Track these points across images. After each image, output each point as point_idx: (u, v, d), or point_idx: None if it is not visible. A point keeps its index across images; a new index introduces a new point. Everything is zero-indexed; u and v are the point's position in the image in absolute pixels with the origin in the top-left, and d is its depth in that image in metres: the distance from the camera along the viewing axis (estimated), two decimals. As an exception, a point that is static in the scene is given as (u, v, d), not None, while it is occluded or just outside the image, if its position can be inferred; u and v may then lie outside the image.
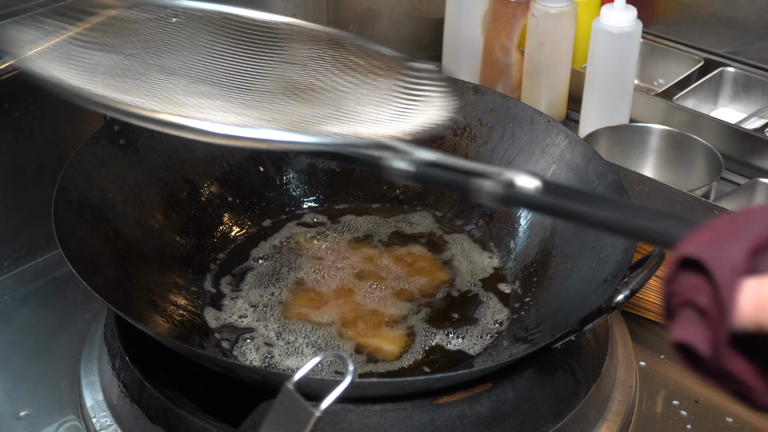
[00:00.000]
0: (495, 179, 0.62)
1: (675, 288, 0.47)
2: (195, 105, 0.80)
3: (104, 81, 0.80)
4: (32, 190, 1.19)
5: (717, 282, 0.45)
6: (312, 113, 0.81)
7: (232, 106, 0.81)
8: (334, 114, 0.81)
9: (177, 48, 0.89)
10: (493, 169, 0.63)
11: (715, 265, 0.45)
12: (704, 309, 0.46)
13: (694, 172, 1.30)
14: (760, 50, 1.42)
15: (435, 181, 0.67)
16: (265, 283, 1.09)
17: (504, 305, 1.07)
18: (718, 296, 0.45)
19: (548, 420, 0.90)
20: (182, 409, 0.88)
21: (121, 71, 0.83)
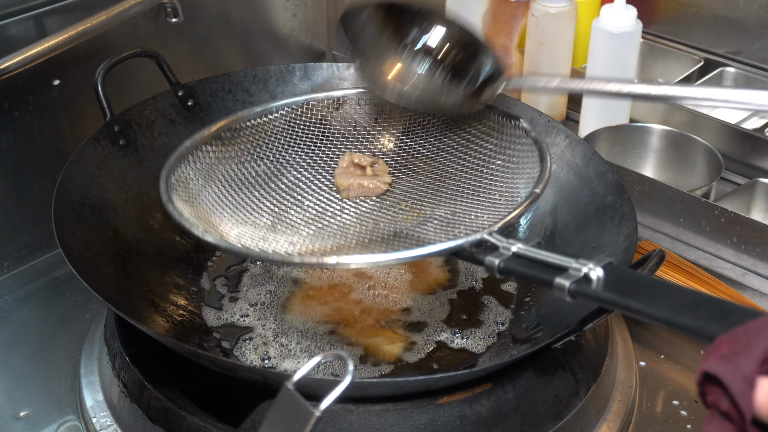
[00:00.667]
0: (571, 275, 0.71)
1: (705, 389, 0.56)
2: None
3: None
4: (32, 190, 1.19)
5: (733, 395, 0.54)
6: (423, 190, 0.94)
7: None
8: (441, 192, 0.94)
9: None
10: (566, 260, 0.71)
11: (731, 381, 0.54)
12: (727, 412, 0.55)
13: (694, 172, 1.30)
14: (760, 50, 1.42)
15: (519, 274, 0.77)
16: (265, 283, 1.09)
17: (504, 305, 1.06)
18: (737, 405, 0.54)
19: (548, 420, 0.90)
20: (182, 409, 0.88)
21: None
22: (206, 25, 1.37)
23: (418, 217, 0.93)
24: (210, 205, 0.92)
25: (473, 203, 0.92)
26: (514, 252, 0.76)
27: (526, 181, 0.90)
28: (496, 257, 0.76)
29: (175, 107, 1.17)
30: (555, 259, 0.73)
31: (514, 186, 0.91)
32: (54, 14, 1.16)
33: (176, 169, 0.93)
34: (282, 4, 1.47)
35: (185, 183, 0.92)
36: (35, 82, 1.16)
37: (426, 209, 0.93)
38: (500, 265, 0.76)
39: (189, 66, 1.34)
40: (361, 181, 0.97)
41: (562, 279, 0.71)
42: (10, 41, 1.11)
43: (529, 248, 0.75)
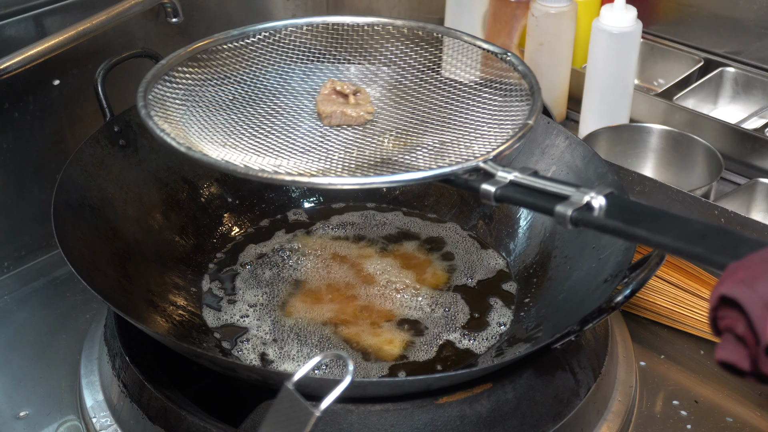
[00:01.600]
0: (572, 203, 0.68)
1: (718, 314, 0.56)
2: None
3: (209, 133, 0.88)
4: (32, 190, 1.19)
5: (750, 317, 0.54)
6: (410, 118, 0.90)
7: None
8: (428, 122, 0.90)
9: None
10: (566, 188, 0.69)
11: (750, 304, 0.54)
12: (742, 336, 0.55)
13: (694, 172, 1.30)
14: (760, 50, 1.42)
15: (516, 202, 0.73)
16: (265, 284, 1.09)
17: (504, 306, 1.06)
18: (752, 327, 0.54)
19: (548, 420, 0.90)
20: (182, 409, 0.88)
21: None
22: (206, 25, 1.37)
23: (405, 146, 0.89)
24: (188, 126, 0.88)
25: (461, 134, 0.88)
26: (510, 180, 0.73)
27: (514, 116, 0.87)
28: (492, 185, 0.73)
29: (175, 107, 1.17)
30: (554, 188, 0.70)
31: (502, 120, 0.87)
32: (54, 14, 1.16)
33: (153, 87, 0.89)
34: (282, 4, 1.47)
35: (162, 103, 0.88)
36: (35, 82, 1.16)
37: (412, 139, 0.89)
38: (497, 192, 0.73)
39: (189, 66, 1.34)
40: (343, 109, 0.93)
41: (563, 206, 0.68)
42: (10, 41, 1.11)
43: (527, 177, 0.72)
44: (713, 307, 0.56)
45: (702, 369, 1.05)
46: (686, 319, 1.08)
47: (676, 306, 1.08)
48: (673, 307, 1.08)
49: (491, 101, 0.90)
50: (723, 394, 1.02)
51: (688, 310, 1.07)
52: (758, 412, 1.00)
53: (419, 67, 0.97)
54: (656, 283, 1.08)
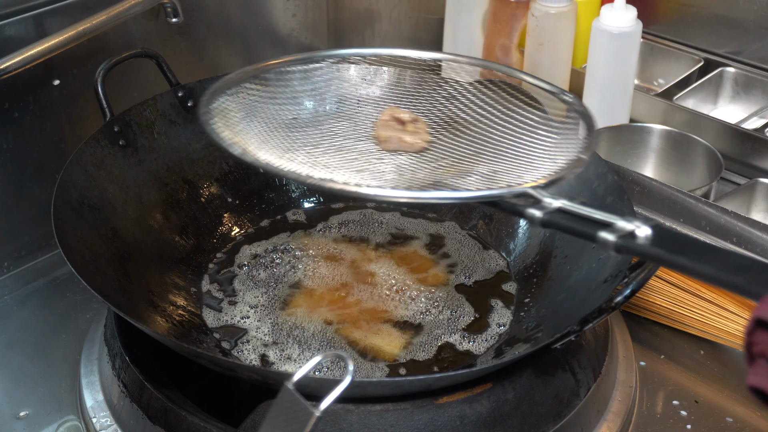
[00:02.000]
0: (616, 230, 0.69)
1: (753, 339, 0.56)
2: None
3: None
4: (32, 190, 1.19)
5: None
6: (465, 149, 0.93)
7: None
8: (482, 153, 0.92)
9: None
10: (612, 218, 0.70)
11: None
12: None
13: (694, 172, 1.30)
14: (760, 50, 1.42)
15: (561, 228, 0.75)
16: (265, 284, 1.09)
17: (504, 306, 1.06)
18: None
19: (548, 420, 0.90)
20: (182, 409, 0.88)
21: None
22: (206, 25, 1.37)
23: (457, 172, 0.92)
24: (248, 138, 0.90)
25: (514, 164, 0.90)
26: (557, 207, 0.75)
27: (567, 151, 0.89)
28: (539, 209, 0.75)
29: (174, 108, 1.17)
30: (600, 216, 0.71)
31: (557, 155, 0.89)
32: (54, 14, 1.16)
33: (217, 97, 0.92)
34: (282, 4, 1.47)
35: (224, 114, 0.91)
36: (35, 82, 1.16)
37: (465, 166, 0.91)
38: (543, 217, 0.74)
39: (189, 66, 1.34)
40: (401, 135, 0.96)
41: (606, 233, 0.70)
42: (10, 41, 1.11)
43: (574, 204, 0.74)
44: (749, 332, 0.56)
45: (702, 369, 1.05)
46: (686, 319, 1.08)
47: (676, 306, 1.08)
48: (673, 307, 1.08)
49: (547, 137, 0.92)
50: (723, 394, 1.02)
51: (688, 310, 1.07)
52: (758, 412, 1.00)
53: (479, 103, 0.99)
54: (656, 283, 1.08)
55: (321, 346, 1.00)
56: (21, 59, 1.09)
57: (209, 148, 1.19)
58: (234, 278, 1.10)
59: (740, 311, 1.05)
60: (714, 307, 1.06)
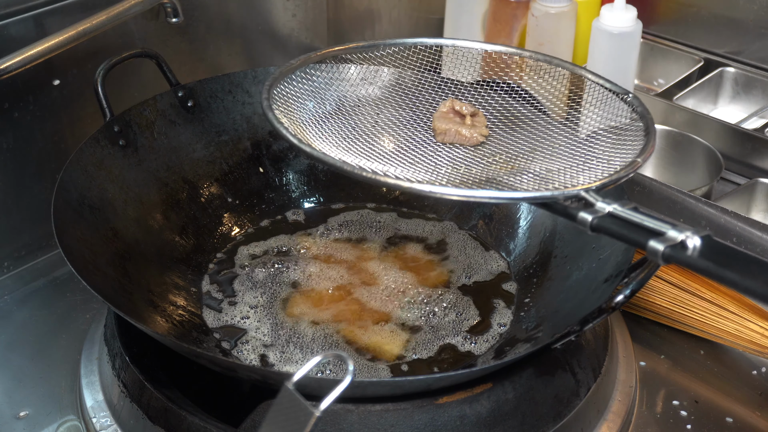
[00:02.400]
0: (666, 239, 0.69)
1: None
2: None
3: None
4: (32, 190, 1.19)
5: None
6: (521, 145, 0.93)
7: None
8: (539, 147, 0.92)
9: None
10: (663, 226, 0.70)
11: None
12: None
13: (694, 172, 1.30)
14: (760, 50, 1.42)
15: (612, 233, 0.74)
16: (265, 284, 1.09)
17: (504, 306, 1.06)
18: None
19: (548, 420, 0.90)
20: (182, 409, 0.88)
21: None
22: (206, 25, 1.37)
23: (512, 169, 0.91)
24: (305, 125, 0.91)
25: (570, 164, 0.90)
26: (609, 211, 0.74)
27: (625, 154, 0.88)
28: (590, 214, 0.74)
29: (174, 108, 1.17)
30: (651, 223, 0.71)
31: (612, 156, 0.89)
32: (54, 14, 1.16)
33: (279, 83, 0.92)
34: (282, 4, 1.47)
35: (285, 99, 0.92)
36: (35, 82, 1.16)
37: (520, 163, 0.91)
38: (593, 221, 0.74)
39: (189, 66, 1.34)
40: (458, 128, 0.95)
41: (656, 242, 0.69)
42: (10, 41, 1.11)
43: (626, 210, 0.73)
44: None
45: (702, 369, 1.05)
46: (686, 319, 1.08)
47: (676, 306, 1.08)
48: (673, 307, 1.08)
49: (604, 138, 0.92)
50: (723, 394, 1.02)
51: (688, 310, 1.07)
52: (758, 412, 1.00)
53: (539, 98, 0.99)
54: (656, 283, 1.08)
55: (321, 346, 1.00)
56: (21, 59, 1.09)
57: (209, 148, 1.19)
58: (234, 278, 1.10)
59: (740, 311, 1.05)
60: (714, 307, 1.06)
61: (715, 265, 0.67)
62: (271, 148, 1.23)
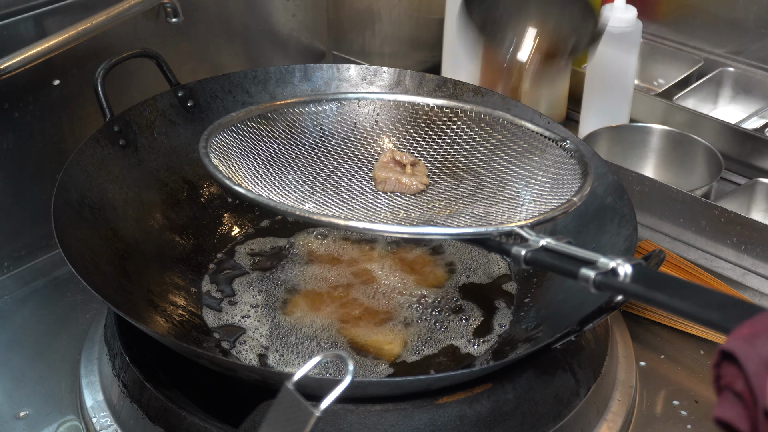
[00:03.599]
0: (598, 267, 0.71)
1: (720, 371, 0.56)
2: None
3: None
4: (32, 190, 1.19)
5: (747, 374, 0.54)
6: (462, 191, 0.96)
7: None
8: (479, 193, 0.95)
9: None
10: (594, 256, 0.72)
11: (747, 360, 0.54)
12: (740, 393, 0.55)
13: (694, 172, 1.30)
14: (760, 50, 1.42)
15: (545, 266, 0.76)
16: (265, 284, 1.09)
17: (505, 306, 1.07)
18: (749, 384, 0.54)
19: (548, 420, 0.90)
20: (182, 409, 0.88)
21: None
22: (206, 25, 1.37)
23: (450, 213, 0.93)
24: (244, 175, 0.92)
25: (508, 207, 0.93)
26: (542, 245, 0.76)
27: (562, 195, 0.90)
28: (524, 248, 0.76)
29: (174, 108, 1.17)
30: (582, 254, 0.73)
31: (550, 198, 0.91)
32: (54, 14, 1.16)
33: (217, 134, 0.94)
34: (282, 4, 1.47)
35: (224, 150, 0.93)
36: (35, 82, 1.16)
37: (460, 207, 0.93)
38: (527, 255, 0.76)
39: (189, 66, 1.34)
40: (399, 177, 0.98)
41: (588, 270, 0.71)
42: (10, 41, 1.11)
43: (559, 243, 0.75)
44: (714, 364, 0.56)
45: (702, 369, 1.05)
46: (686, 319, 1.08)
47: (676, 306, 1.08)
48: (673, 307, 1.08)
49: (544, 182, 0.94)
50: None
51: (688, 310, 1.07)
52: None
53: (480, 148, 1.01)
54: (656, 283, 1.08)
55: (321, 346, 1.00)
56: (21, 59, 1.09)
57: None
58: (234, 278, 1.10)
59: (740, 311, 1.04)
60: (714, 307, 1.06)
61: (646, 289, 0.68)
62: (271, 148, 1.23)
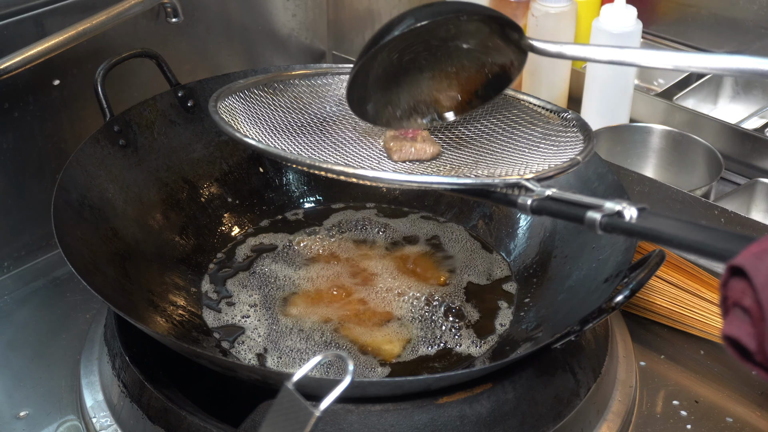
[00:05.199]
0: (604, 210, 0.70)
1: (727, 291, 0.56)
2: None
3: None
4: (32, 190, 1.19)
5: (755, 286, 0.54)
6: (466, 158, 0.95)
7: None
8: (486, 158, 0.94)
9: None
10: (600, 201, 0.71)
11: (755, 272, 0.54)
12: (748, 309, 0.54)
13: (694, 172, 1.30)
14: (760, 50, 1.42)
15: (551, 213, 0.76)
16: (265, 284, 1.09)
17: (504, 306, 1.07)
18: (757, 298, 0.53)
19: (548, 420, 0.90)
20: (182, 409, 0.88)
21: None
22: (206, 25, 1.37)
23: (457, 173, 0.93)
24: (253, 139, 0.91)
25: (513, 168, 0.92)
26: (548, 195, 0.76)
27: (565, 156, 0.90)
28: (530, 197, 0.76)
29: (174, 108, 1.17)
30: (588, 200, 0.73)
31: (553, 160, 0.90)
32: (54, 14, 1.16)
33: (226, 98, 0.94)
34: (282, 4, 1.47)
35: (232, 114, 0.93)
36: (35, 82, 1.16)
37: (465, 170, 0.93)
38: (533, 204, 0.76)
39: (189, 66, 1.34)
40: (413, 144, 0.95)
41: (594, 212, 0.71)
42: (10, 41, 1.11)
43: (564, 193, 0.75)
44: (723, 283, 0.56)
45: (702, 369, 1.05)
46: (686, 319, 1.08)
47: (676, 306, 1.08)
48: (673, 307, 1.08)
49: (546, 148, 0.94)
50: (723, 394, 1.02)
51: (688, 310, 1.07)
52: (758, 412, 1.00)
53: (482, 121, 1.00)
54: (656, 283, 1.08)
55: (321, 346, 1.00)
56: (21, 59, 1.09)
57: (209, 148, 1.19)
58: (234, 278, 1.10)
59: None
60: (714, 307, 1.06)
61: (652, 227, 0.68)
62: (271, 148, 1.23)
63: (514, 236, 1.14)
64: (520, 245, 1.13)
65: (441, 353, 1.00)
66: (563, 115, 0.96)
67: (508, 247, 1.14)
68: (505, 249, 1.14)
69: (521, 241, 1.13)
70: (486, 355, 1.00)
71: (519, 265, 1.12)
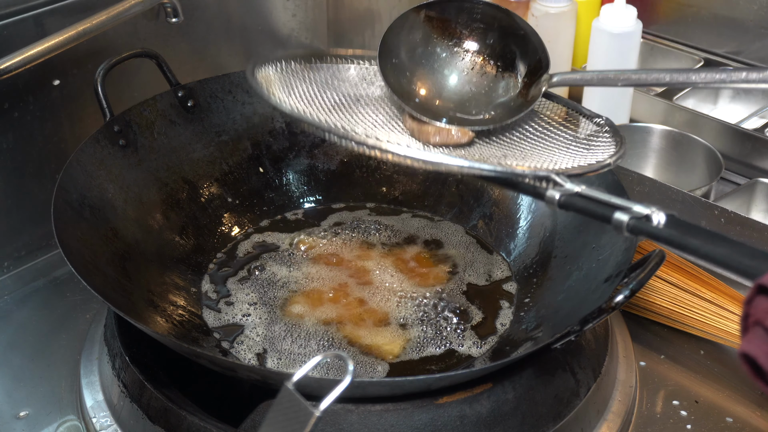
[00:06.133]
0: (632, 212, 0.71)
1: (750, 309, 0.56)
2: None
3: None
4: (32, 190, 1.19)
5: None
6: (495, 150, 0.95)
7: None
8: (516, 153, 0.94)
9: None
10: (629, 203, 0.72)
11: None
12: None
13: (694, 172, 1.30)
14: (760, 50, 1.42)
15: (579, 209, 0.76)
16: (265, 284, 1.09)
17: (504, 306, 1.07)
18: None
19: (548, 420, 0.90)
20: (182, 409, 0.88)
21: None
22: (206, 25, 1.37)
23: (487, 161, 0.92)
24: (284, 104, 0.90)
25: (544, 163, 0.91)
26: (577, 191, 0.76)
27: (595, 158, 0.90)
28: (558, 191, 0.76)
29: (174, 108, 1.17)
30: (617, 201, 0.73)
31: (584, 161, 0.90)
32: (54, 14, 1.16)
33: (264, 66, 0.93)
34: (282, 4, 1.47)
35: (268, 82, 0.92)
36: (35, 82, 1.16)
37: (494, 161, 0.92)
38: (561, 198, 0.76)
39: (189, 66, 1.34)
40: (448, 130, 0.94)
41: (622, 214, 0.71)
42: (10, 41, 1.11)
43: (593, 191, 0.76)
44: (747, 300, 0.55)
45: (702, 369, 1.05)
46: (686, 319, 1.08)
47: (676, 306, 1.08)
48: (673, 307, 1.08)
49: (577, 149, 0.94)
50: (723, 394, 1.02)
51: (688, 310, 1.07)
52: (758, 412, 1.00)
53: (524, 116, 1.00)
54: (656, 283, 1.08)
55: (321, 346, 1.00)
56: (21, 59, 1.09)
57: (209, 148, 1.19)
58: (234, 278, 1.10)
59: (740, 311, 1.04)
60: (714, 307, 1.06)
61: (680, 234, 0.68)
62: (271, 148, 1.23)
63: (514, 236, 1.15)
64: (520, 245, 1.13)
65: (441, 353, 1.00)
66: (596, 120, 0.96)
67: (508, 247, 1.14)
68: (505, 249, 1.14)
69: (521, 242, 1.13)
70: (486, 355, 1.00)
71: (519, 265, 1.12)
